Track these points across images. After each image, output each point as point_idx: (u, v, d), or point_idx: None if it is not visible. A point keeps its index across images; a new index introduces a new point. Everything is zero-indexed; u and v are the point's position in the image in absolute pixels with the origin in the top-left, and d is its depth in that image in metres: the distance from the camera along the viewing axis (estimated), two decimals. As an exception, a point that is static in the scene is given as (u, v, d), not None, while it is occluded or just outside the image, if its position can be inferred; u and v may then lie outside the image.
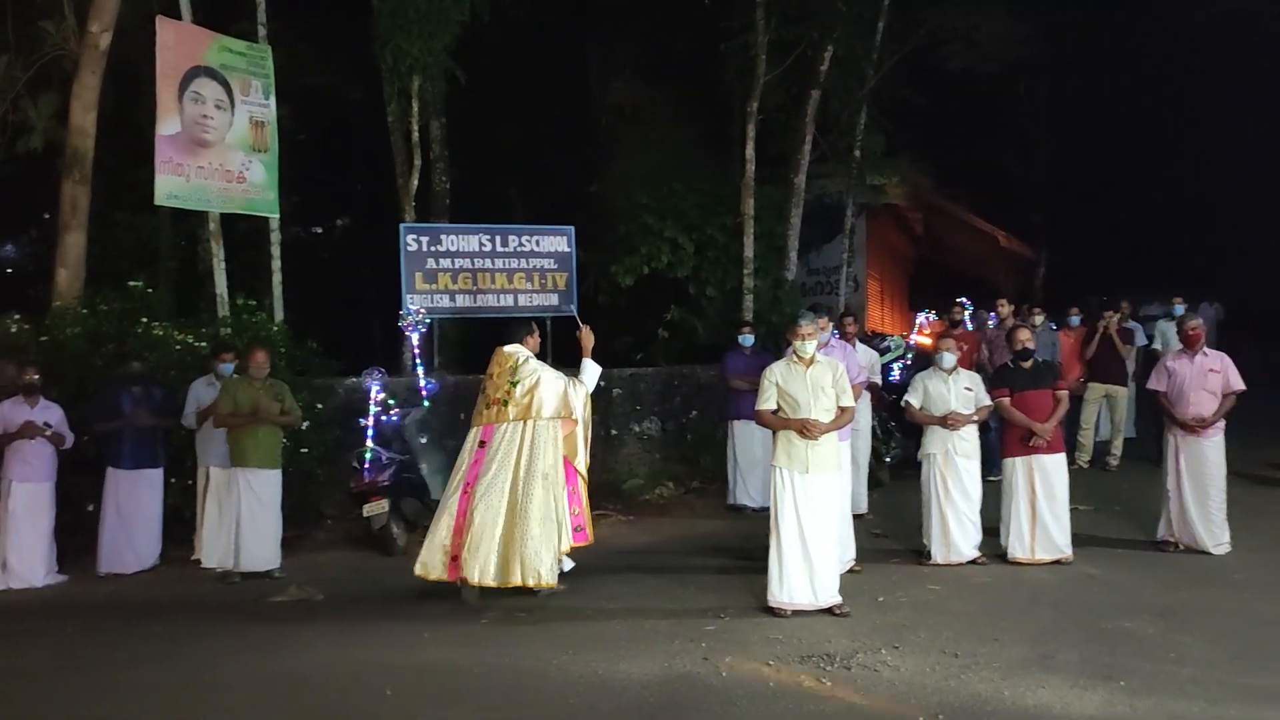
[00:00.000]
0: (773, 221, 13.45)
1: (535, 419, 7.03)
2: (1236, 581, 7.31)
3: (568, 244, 11.51)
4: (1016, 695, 5.21)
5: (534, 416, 7.03)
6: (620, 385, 11.49)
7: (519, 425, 7.03)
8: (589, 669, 5.72)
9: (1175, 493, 8.11)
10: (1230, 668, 5.55)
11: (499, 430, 7.07)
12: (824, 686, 5.38)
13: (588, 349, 7.47)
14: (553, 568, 6.99)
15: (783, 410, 6.81)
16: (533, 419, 7.03)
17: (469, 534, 6.92)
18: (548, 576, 6.94)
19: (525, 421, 7.03)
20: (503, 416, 7.07)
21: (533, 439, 7.03)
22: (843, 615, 6.58)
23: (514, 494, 6.95)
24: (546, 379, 7.10)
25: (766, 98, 12.95)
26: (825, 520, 6.74)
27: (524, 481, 6.97)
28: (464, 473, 7.12)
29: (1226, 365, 8.12)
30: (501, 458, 7.01)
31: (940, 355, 8.07)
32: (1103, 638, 6.10)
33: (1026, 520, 7.87)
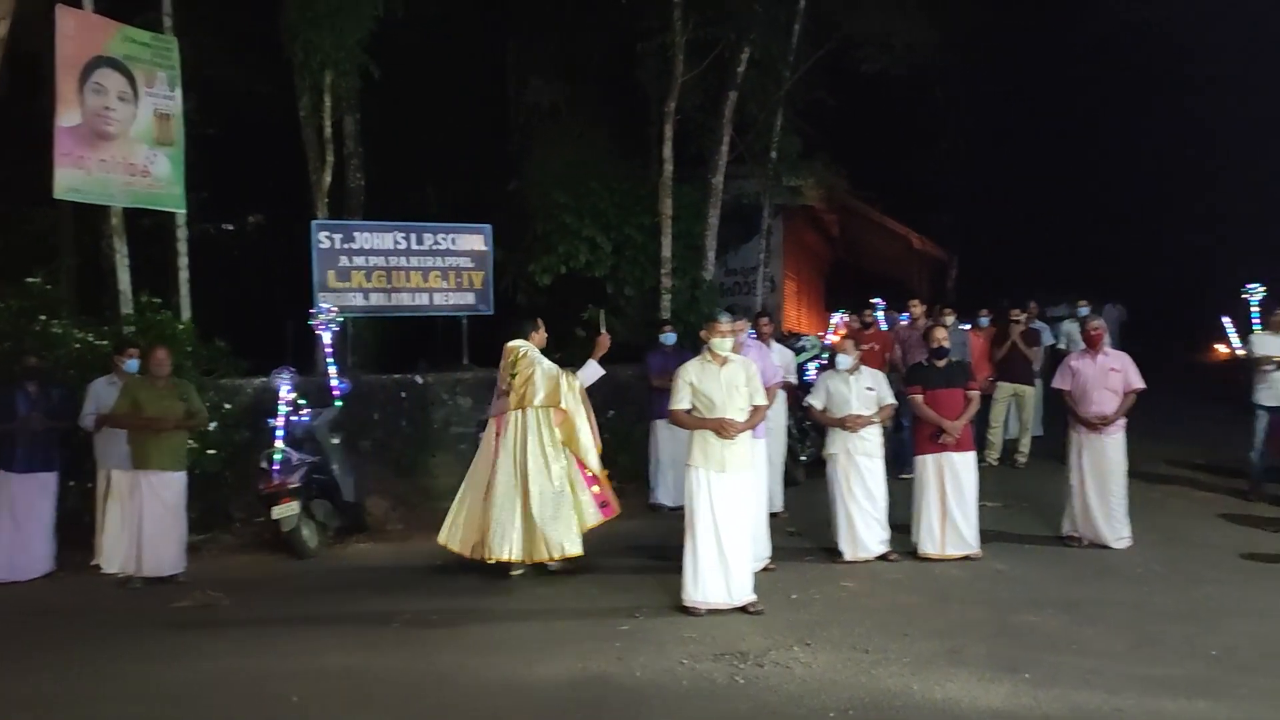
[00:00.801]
0: (690, 221, 13.49)
1: (529, 406, 7.50)
2: (1136, 575, 7.54)
3: (485, 242, 11.40)
4: (925, 689, 5.29)
5: (528, 404, 7.50)
6: (538, 385, 11.39)
7: (518, 414, 7.52)
8: (499, 672, 5.66)
9: (1078, 489, 8.35)
10: (1129, 658, 5.71)
11: (506, 420, 7.59)
12: (737, 685, 5.40)
13: (598, 353, 7.87)
14: (574, 539, 7.42)
15: (697, 410, 6.82)
16: (527, 406, 7.50)
17: (491, 518, 7.42)
18: (571, 548, 7.40)
19: (522, 410, 7.51)
20: (508, 407, 7.57)
21: (525, 424, 7.50)
22: (757, 613, 6.62)
23: (518, 477, 7.44)
24: (540, 369, 7.55)
25: (684, 98, 12.98)
26: (740, 519, 6.77)
27: (521, 464, 7.44)
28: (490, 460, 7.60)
29: (1127, 365, 8.38)
30: (509, 445, 7.51)
31: (838, 357, 8.15)
32: (1009, 631, 6.23)
33: (937, 517, 8.00)
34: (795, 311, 19.24)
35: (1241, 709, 4.96)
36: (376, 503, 9.88)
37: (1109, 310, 19.98)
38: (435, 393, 10.91)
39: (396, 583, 7.79)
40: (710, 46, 12.94)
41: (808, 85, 14.57)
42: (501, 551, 7.39)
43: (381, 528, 9.57)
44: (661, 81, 13.00)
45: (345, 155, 12.77)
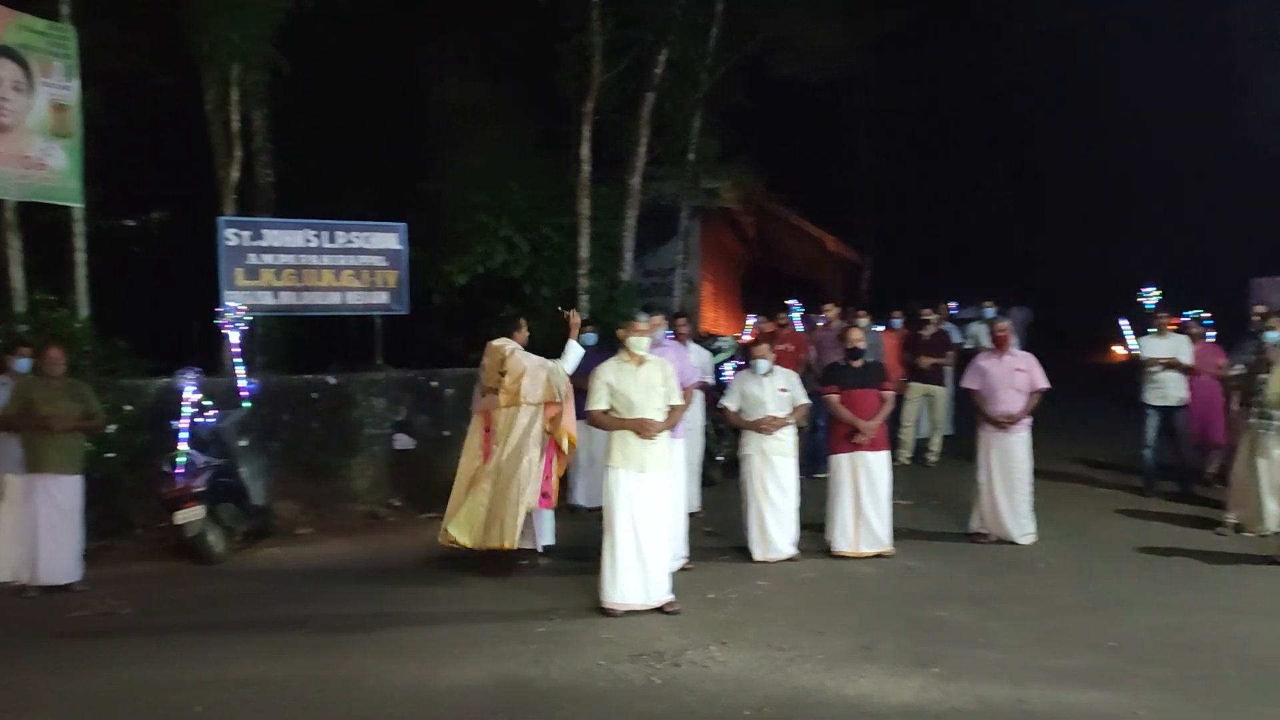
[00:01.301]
0: (608, 222, 13.47)
1: (524, 403, 7.68)
2: (1040, 570, 7.74)
3: (399, 241, 11.22)
4: (838, 686, 5.35)
5: (522, 401, 7.67)
6: (454, 386, 11.26)
7: (510, 411, 7.68)
8: (411, 677, 5.57)
9: (986, 486, 8.56)
10: (1033, 651, 5.86)
11: (495, 416, 7.73)
12: (654, 685, 5.40)
13: (574, 332, 8.08)
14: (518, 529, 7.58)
15: (615, 410, 6.81)
16: (521, 404, 7.67)
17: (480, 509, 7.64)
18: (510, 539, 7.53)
19: (515, 407, 7.68)
20: (497, 403, 7.71)
21: (516, 422, 7.68)
22: (673, 613, 6.62)
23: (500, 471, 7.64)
24: (531, 367, 7.72)
25: (602, 99, 12.94)
26: (659, 519, 6.77)
27: (508, 459, 7.63)
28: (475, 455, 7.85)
29: (1033, 365, 8.61)
30: (500, 440, 7.69)
31: (755, 362, 8.21)
32: (919, 627, 6.34)
33: (851, 515, 8.11)
34: (712, 313, 19.34)
35: (1138, 697, 5.12)
36: (286, 506, 9.66)
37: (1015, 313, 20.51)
38: (348, 393, 10.70)
39: (306, 588, 7.62)
40: (628, 48, 12.93)
41: (726, 88, 14.65)
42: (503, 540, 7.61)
43: (291, 532, 9.35)
44: (579, 82, 12.94)
45: (254, 151, 12.45)
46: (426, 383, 11.16)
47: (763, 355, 8.22)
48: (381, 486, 10.51)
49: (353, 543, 9.07)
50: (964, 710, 5.00)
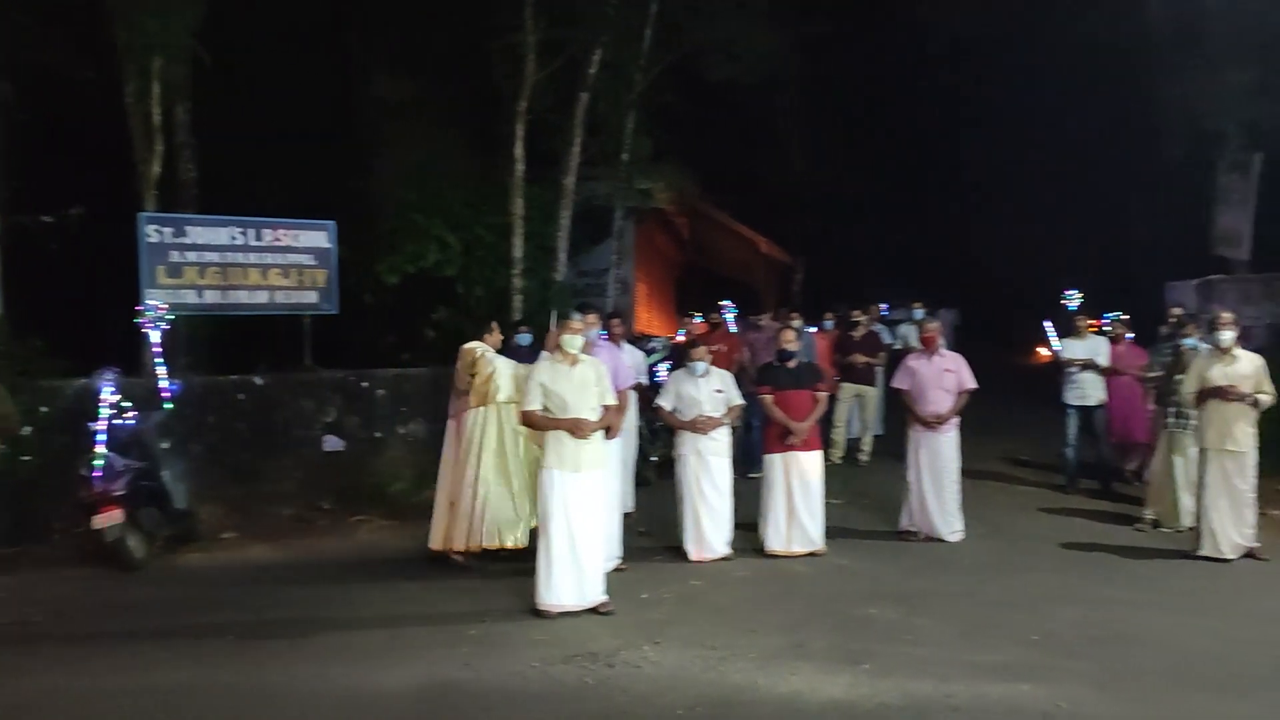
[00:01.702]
0: (542, 222, 13.42)
1: (490, 403, 7.80)
2: (967, 567, 7.89)
3: (328, 239, 11.05)
4: (770, 683, 5.39)
5: (491, 401, 7.80)
6: (384, 386, 11.14)
7: (481, 411, 7.80)
8: (340, 682, 5.48)
9: (915, 485, 8.70)
10: (959, 646, 5.97)
11: (466, 418, 7.87)
12: (587, 686, 5.38)
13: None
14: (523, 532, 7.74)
15: (549, 410, 6.77)
16: (490, 403, 7.80)
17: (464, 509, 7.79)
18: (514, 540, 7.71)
19: (485, 407, 7.80)
20: (467, 405, 7.84)
21: (486, 421, 7.80)
22: (607, 614, 6.61)
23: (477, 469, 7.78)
24: (501, 368, 7.86)
25: (536, 98, 12.89)
26: (594, 519, 6.76)
27: (479, 457, 7.78)
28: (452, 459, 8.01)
29: (961, 365, 8.77)
30: (468, 441, 7.84)
31: (692, 363, 8.24)
32: (850, 624, 6.41)
33: (784, 514, 8.17)
34: (646, 313, 19.38)
35: (1059, 689, 5.24)
36: (210, 510, 9.43)
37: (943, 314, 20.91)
38: (275, 395, 10.51)
39: (230, 593, 7.44)
40: (562, 47, 12.89)
41: (659, 89, 14.69)
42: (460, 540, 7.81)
43: (215, 536, 9.13)
44: (513, 80, 12.86)
45: (176, 146, 12.15)
46: (357, 383, 11.01)
47: (700, 356, 8.25)
48: (310, 489, 10.31)
49: (279, 547, 8.89)
50: (892, 705, 5.07)
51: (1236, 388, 7.96)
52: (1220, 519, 7.99)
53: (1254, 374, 8.04)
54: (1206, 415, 8.11)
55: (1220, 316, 8.35)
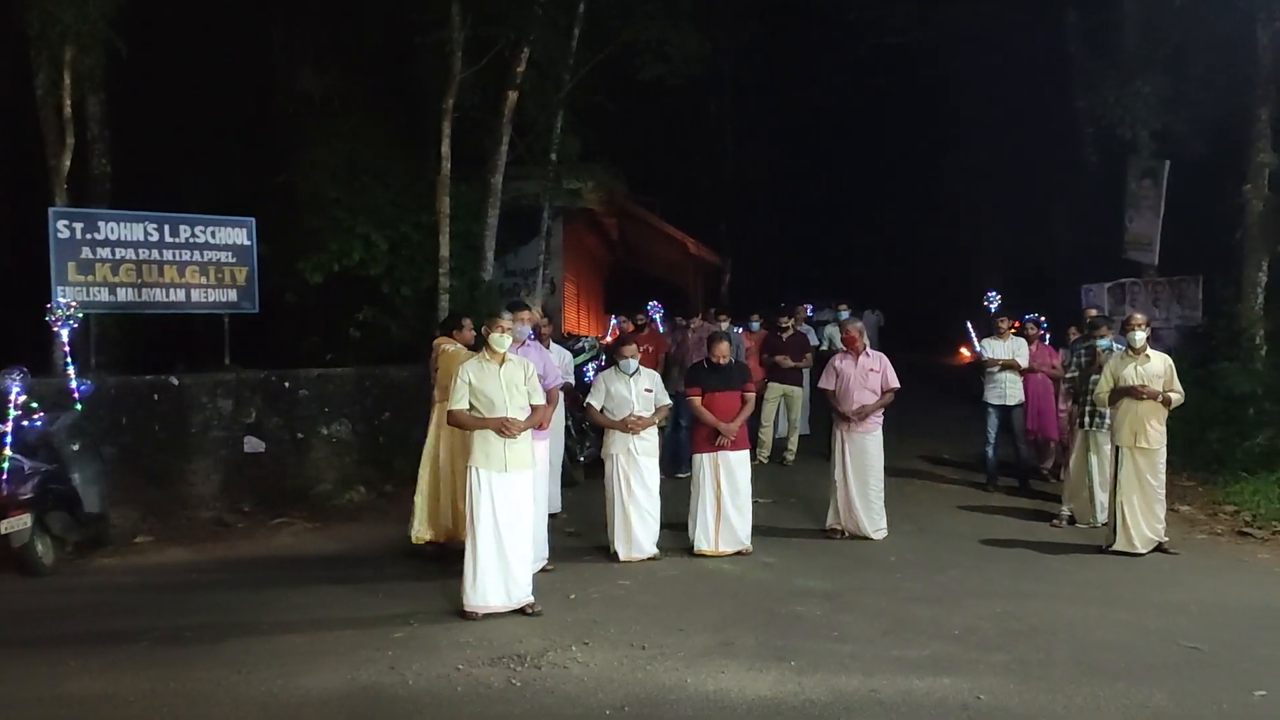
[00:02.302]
0: (469, 221, 13.32)
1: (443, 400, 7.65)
2: (891, 564, 8.01)
3: (248, 237, 10.83)
4: (698, 682, 5.40)
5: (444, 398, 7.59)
6: (307, 387, 10.95)
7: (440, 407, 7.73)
8: (263, 687, 5.36)
9: (841, 483, 8.81)
10: (883, 642, 6.05)
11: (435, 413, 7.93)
12: (514, 688, 5.34)
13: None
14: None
15: (476, 410, 6.71)
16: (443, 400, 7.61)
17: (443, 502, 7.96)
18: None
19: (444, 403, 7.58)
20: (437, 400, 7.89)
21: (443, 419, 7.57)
22: (535, 614, 6.58)
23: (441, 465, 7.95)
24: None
25: (464, 96, 12.78)
26: (522, 520, 6.71)
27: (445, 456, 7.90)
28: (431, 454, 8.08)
29: (885, 365, 8.92)
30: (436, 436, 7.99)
31: (623, 361, 8.25)
32: (777, 622, 6.46)
33: (712, 514, 8.21)
34: (575, 313, 19.35)
35: (979, 682, 5.35)
36: (124, 514, 9.16)
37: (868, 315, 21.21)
38: (193, 395, 10.26)
39: (145, 598, 7.24)
40: (490, 45, 12.80)
41: (588, 89, 14.68)
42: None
43: (129, 540, 8.87)
44: (440, 77, 12.74)
45: (89, 139, 11.82)
46: (279, 384, 10.81)
47: (630, 354, 8.25)
48: (229, 491, 10.11)
49: (197, 550, 8.68)
50: (818, 702, 5.12)
51: (1149, 387, 8.20)
52: (1133, 514, 8.23)
53: (1165, 373, 8.30)
54: (1120, 414, 8.34)
55: (1133, 318, 8.60)
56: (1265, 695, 5.17)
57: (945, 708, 5.05)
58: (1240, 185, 13.03)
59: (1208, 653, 5.83)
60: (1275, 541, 8.73)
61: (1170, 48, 13.97)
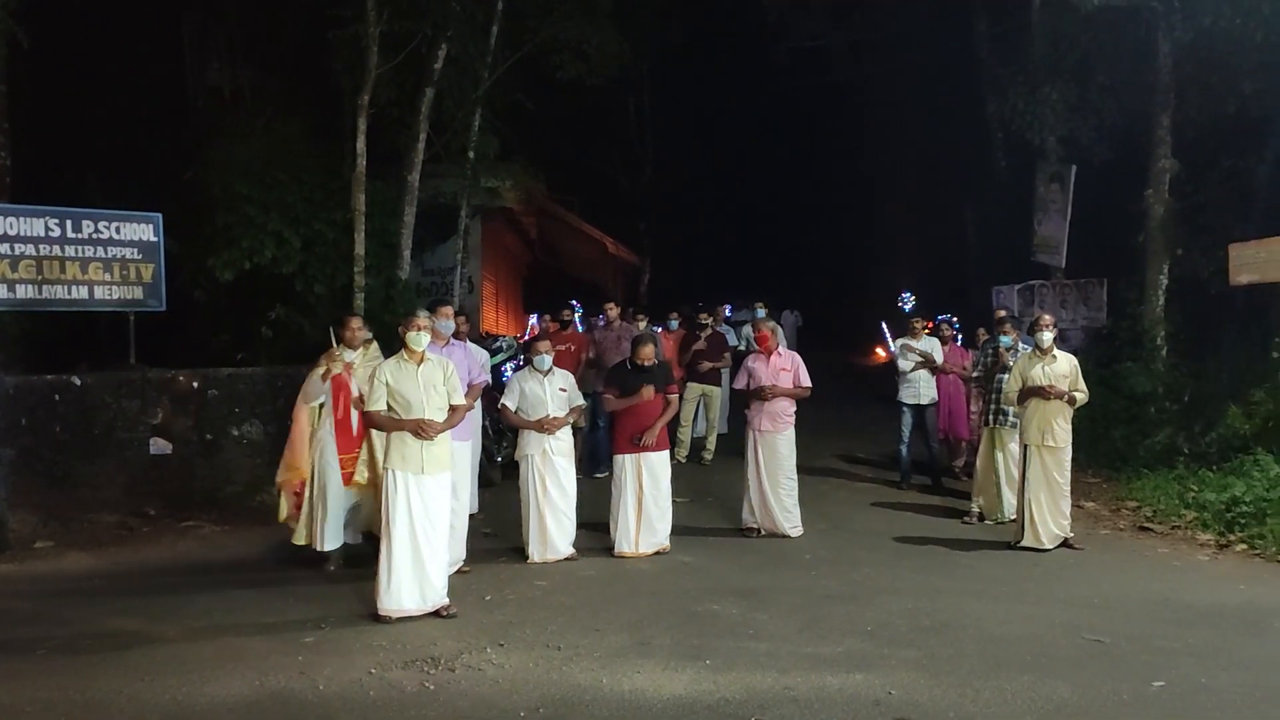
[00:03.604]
0: (385, 219, 13.12)
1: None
2: (806, 561, 8.11)
3: (154, 233, 10.51)
4: (614, 682, 5.40)
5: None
6: (217, 387, 10.67)
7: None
8: (167, 695, 5.21)
9: (755, 482, 8.90)
10: (798, 639, 6.12)
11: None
12: (427, 691, 5.28)
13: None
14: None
15: (394, 411, 6.61)
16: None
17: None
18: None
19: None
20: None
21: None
22: (450, 617, 6.51)
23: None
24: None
25: (379, 91, 12.56)
26: (439, 521, 6.64)
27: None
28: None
29: (797, 365, 9.03)
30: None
31: (539, 358, 8.21)
32: (693, 621, 6.49)
33: (633, 515, 8.21)
34: (493, 312, 19.22)
35: (890, 677, 5.44)
36: (23, 518, 8.86)
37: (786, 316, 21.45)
38: (97, 396, 9.93)
39: (45, 606, 6.99)
40: (406, 40, 12.62)
41: (507, 87, 14.58)
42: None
43: (29, 546, 8.58)
44: (355, 73, 12.52)
45: (-12, 131, 11.37)
46: (187, 384, 10.51)
47: (545, 350, 8.21)
48: (134, 495, 9.81)
49: (100, 556, 8.42)
50: (733, 700, 5.15)
51: (1055, 387, 8.43)
52: (1040, 511, 8.45)
53: (1071, 373, 8.54)
54: (1028, 413, 8.56)
55: (1040, 319, 8.84)
56: (1163, 686, 5.34)
57: (858, 703, 5.12)
58: (1143, 190, 13.49)
59: (1110, 645, 6.01)
60: (1174, 536, 9.04)
61: (1077, 56, 14.37)
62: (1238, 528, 8.74)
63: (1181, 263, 13.45)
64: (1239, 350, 12.32)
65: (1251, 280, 10.60)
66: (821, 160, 29.76)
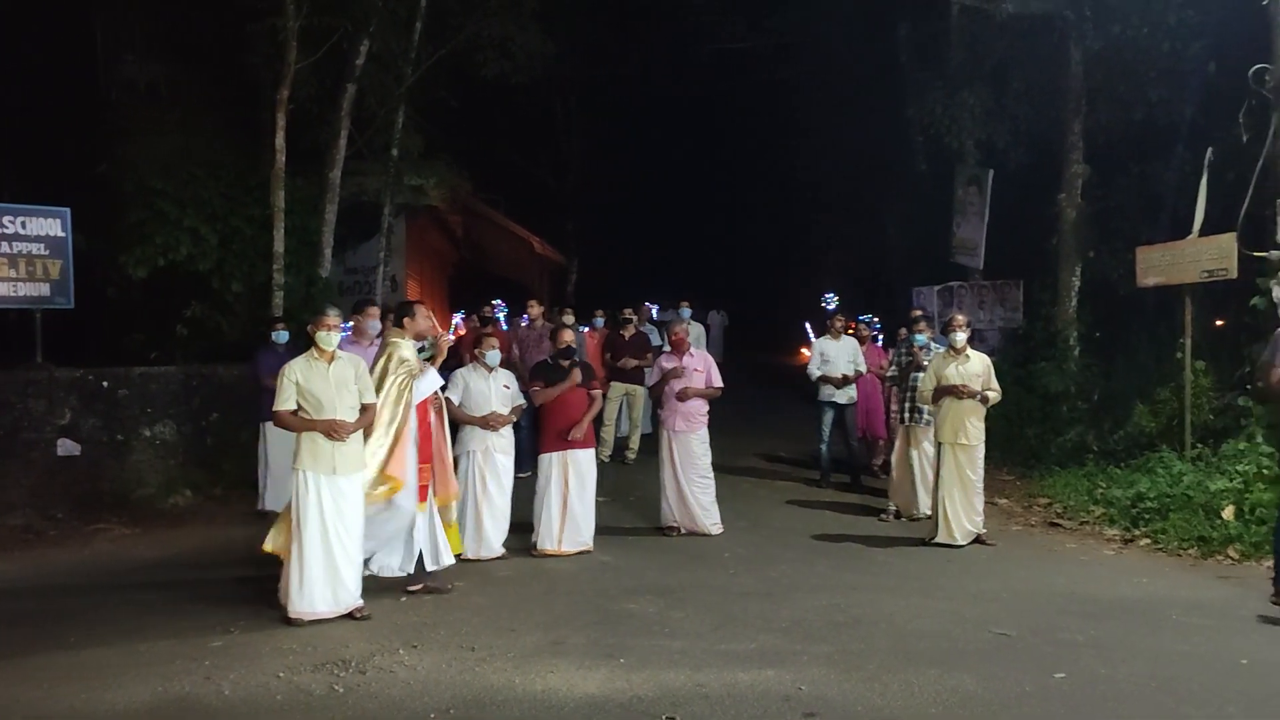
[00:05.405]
0: (306, 216, 12.92)
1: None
2: (724, 560, 8.18)
3: (63, 228, 10.22)
4: (527, 682, 5.38)
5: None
6: (128, 386, 10.42)
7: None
8: (65, 703, 5.07)
9: (671, 482, 8.97)
10: (712, 637, 6.16)
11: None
12: (336, 694, 5.21)
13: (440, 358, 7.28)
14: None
15: (304, 410, 6.52)
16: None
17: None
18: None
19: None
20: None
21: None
22: (363, 619, 6.44)
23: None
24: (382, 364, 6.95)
25: (299, 87, 12.35)
26: (353, 523, 6.55)
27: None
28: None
29: (710, 366, 9.15)
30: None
31: (490, 353, 8.16)
32: (609, 620, 6.50)
33: (558, 514, 8.20)
34: (419, 312, 19.00)
35: (802, 673, 5.50)
36: (-80, 523, 8.58)
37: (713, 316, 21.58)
38: (1, 395, 9.64)
39: (-59, 614, 6.77)
40: (327, 35, 12.43)
41: (431, 85, 14.45)
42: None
43: (-74, 551, 8.31)
44: (274, 67, 12.31)
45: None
46: (96, 383, 10.26)
47: (492, 347, 8.18)
48: (40, 497, 9.54)
49: (3, 559, 8.17)
50: (645, 698, 5.16)
51: (969, 386, 8.60)
52: (953, 508, 8.62)
53: (984, 373, 8.73)
54: (942, 411, 8.73)
55: (954, 319, 9.03)
56: (1064, 677, 5.47)
57: (769, 699, 5.17)
58: (1056, 194, 13.84)
59: (1016, 638, 6.15)
60: (1082, 532, 9.30)
61: (993, 62, 14.72)
62: (1142, 523, 9.02)
63: (1093, 265, 13.85)
64: (1147, 350, 12.71)
65: (1158, 282, 10.92)
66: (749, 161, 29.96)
